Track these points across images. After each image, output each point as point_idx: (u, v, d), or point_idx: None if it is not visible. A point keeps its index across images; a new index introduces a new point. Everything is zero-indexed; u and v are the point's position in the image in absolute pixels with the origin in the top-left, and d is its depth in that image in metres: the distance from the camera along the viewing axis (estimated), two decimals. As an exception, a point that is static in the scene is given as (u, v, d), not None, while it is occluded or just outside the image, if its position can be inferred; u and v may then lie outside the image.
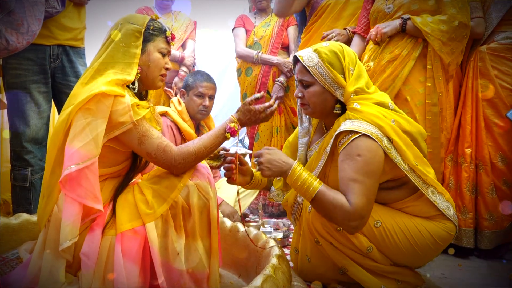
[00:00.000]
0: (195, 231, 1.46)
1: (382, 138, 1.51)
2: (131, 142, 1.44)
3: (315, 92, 1.64)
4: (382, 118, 1.56)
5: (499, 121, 2.19)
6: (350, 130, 1.52)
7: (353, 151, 1.50)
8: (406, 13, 2.14)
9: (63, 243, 1.29)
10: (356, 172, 1.48)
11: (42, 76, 2.30)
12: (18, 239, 1.85)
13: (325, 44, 1.68)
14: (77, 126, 1.36)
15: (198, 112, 2.57)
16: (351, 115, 1.57)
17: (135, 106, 1.42)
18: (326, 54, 1.62)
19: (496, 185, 2.19)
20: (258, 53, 3.15)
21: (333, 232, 1.57)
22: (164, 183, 1.47)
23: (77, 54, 2.43)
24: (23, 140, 2.27)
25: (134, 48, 1.50)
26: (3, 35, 1.78)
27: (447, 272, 1.97)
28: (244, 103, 1.58)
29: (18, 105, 2.27)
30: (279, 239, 2.31)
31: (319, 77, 1.61)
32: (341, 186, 1.51)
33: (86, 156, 1.33)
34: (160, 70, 1.57)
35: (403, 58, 2.12)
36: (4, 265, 1.67)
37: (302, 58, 1.64)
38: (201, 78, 2.59)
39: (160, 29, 1.57)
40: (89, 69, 1.49)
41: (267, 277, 1.31)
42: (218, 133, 1.53)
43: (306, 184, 1.53)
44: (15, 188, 2.32)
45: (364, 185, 1.47)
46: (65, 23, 2.33)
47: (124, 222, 1.41)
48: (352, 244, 1.56)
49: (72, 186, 1.32)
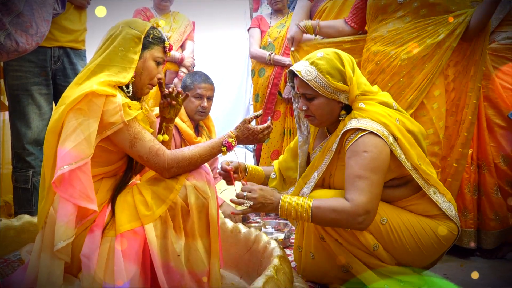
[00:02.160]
0: (195, 231, 1.46)
1: (388, 136, 1.53)
2: (123, 144, 1.44)
3: (320, 104, 1.64)
4: (387, 116, 1.58)
5: (501, 121, 2.19)
6: (356, 128, 1.54)
7: (360, 147, 1.51)
8: (421, 5, 2.02)
9: (57, 243, 1.29)
10: (362, 168, 1.49)
11: (43, 78, 2.31)
12: (20, 241, 1.86)
13: (319, 54, 1.65)
14: (69, 127, 1.36)
15: (196, 113, 2.56)
16: (357, 114, 1.59)
17: (126, 107, 1.42)
18: (323, 65, 1.61)
19: (500, 186, 2.18)
20: (270, 54, 3.17)
21: (338, 228, 1.57)
22: (162, 184, 1.47)
23: (78, 56, 2.44)
24: (24, 141, 2.28)
25: (133, 54, 1.49)
26: (13, 37, 1.79)
27: (450, 273, 1.97)
28: (244, 121, 1.62)
29: (20, 107, 2.27)
30: (280, 240, 2.31)
31: (321, 89, 1.61)
32: (346, 183, 1.52)
33: (79, 156, 1.33)
34: (151, 79, 1.57)
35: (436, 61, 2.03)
36: (6, 267, 1.67)
37: (300, 73, 1.62)
38: (199, 79, 2.58)
39: (159, 38, 1.57)
40: (84, 70, 1.49)
41: (268, 278, 1.31)
42: (215, 145, 1.55)
43: (299, 207, 1.53)
44: (17, 190, 2.32)
45: (370, 181, 1.48)
46: (66, 25, 2.34)
47: (123, 223, 1.41)
48: (358, 241, 1.56)
49: (64, 187, 1.32)
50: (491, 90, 2.21)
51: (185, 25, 3.35)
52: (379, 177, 1.51)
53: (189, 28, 3.37)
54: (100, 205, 1.44)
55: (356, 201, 1.46)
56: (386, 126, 1.55)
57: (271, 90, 3.16)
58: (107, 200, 1.48)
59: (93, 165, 1.41)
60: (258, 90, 3.26)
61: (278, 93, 3.15)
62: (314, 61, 1.63)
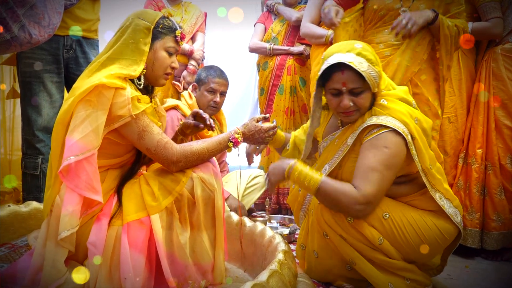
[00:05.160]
0: (200, 223, 1.47)
1: (407, 134, 1.54)
2: (131, 136, 1.44)
3: (367, 97, 1.61)
4: (408, 116, 1.58)
5: (510, 122, 2.17)
6: (378, 124, 1.55)
7: (381, 142, 1.53)
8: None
9: (61, 232, 1.30)
10: (379, 162, 1.51)
11: (55, 66, 2.33)
12: (27, 227, 1.88)
13: (358, 45, 1.59)
14: (78, 118, 1.36)
15: (208, 108, 2.56)
16: (378, 111, 1.60)
17: (135, 100, 1.42)
18: (370, 56, 1.57)
19: (505, 187, 2.17)
20: (271, 44, 3.17)
21: (343, 223, 1.57)
22: (169, 176, 1.48)
23: (91, 45, 2.45)
24: (34, 128, 2.30)
25: (143, 45, 1.49)
26: (27, 29, 1.80)
27: (454, 273, 1.96)
28: (252, 119, 1.64)
29: (31, 94, 2.29)
30: (285, 234, 2.31)
31: (372, 80, 1.56)
32: (357, 171, 1.54)
33: (86, 147, 1.34)
34: (165, 69, 1.56)
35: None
36: (13, 252, 1.70)
37: (353, 63, 1.53)
38: (214, 73, 2.58)
39: (170, 27, 1.55)
40: (95, 62, 1.49)
41: (273, 272, 1.32)
42: (222, 140, 1.56)
43: (308, 177, 1.56)
44: (26, 176, 2.35)
45: (382, 176, 1.51)
46: (79, 14, 2.35)
47: (130, 213, 1.42)
48: (362, 236, 1.56)
49: (71, 177, 1.33)
50: (501, 91, 2.20)
51: (196, 16, 3.30)
52: (391, 174, 1.53)
53: (201, 19, 3.33)
54: (106, 193, 1.45)
55: (363, 190, 1.49)
56: (406, 125, 1.56)
57: (273, 82, 3.17)
58: (113, 189, 1.49)
59: (100, 156, 1.41)
60: (263, 83, 3.26)
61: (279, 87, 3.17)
62: (360, 52, 1.56)
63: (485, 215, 2.21)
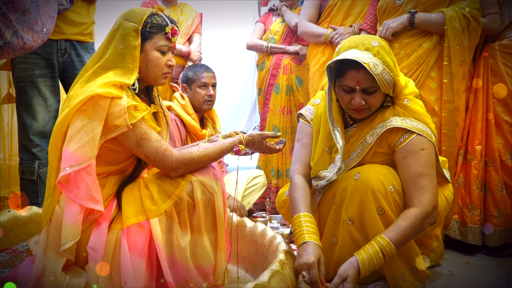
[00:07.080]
0: (201, 226, 1.47)
1: (431, 136, 1.59)
2: (129, 144, 1.43)
3: (379, 97, 1.60)
4: (429, 116, 1.64)
5: (510, 118, 2.17)
6: (406, 129, 1.57)
7: (417, 146, 1.56)
8: (414, 6, 2.11)
9: (64, 244, 1.29)
10: (423, 165, 1.54)
11: (48, 71, 2.32)
12: (27, 232, 1.88)
13: (375, 43, 1.55)
14: (74, 128, 1.35)
15: (204, 103, 2.56)
16: (402, 113, 1.61)
17: (132, 109, 1.39)
18: (386, 57, 1.53)
19: (506, 183, 2.17)
20: (268, 42, 3.19)
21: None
22: (168, 180, 1.48)
23: (85, 49, 2.44)
24: (30, 133, 2.29)
25: (133, 49, 1.44)
26: (20, 34, 1.79)
27: (455, 270, 1.96)
28: (261, 135, 1.61)
29: (25, 99, 2.29)
30: (286, 234, 2.31)
31: (383, 83, 1.54)
32: (408, 185, 1.54)
33: (82, 158, 1.32)
34: (161, 69, 1.52)
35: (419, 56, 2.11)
36: (14, 257, 1.69)
37: (368, 66, 1.49)
38: (201, 69, 2.60)
39: (159, 25, 1.49)
40: (88, 70, 1.45)
41: (274, 273, 1.31)
42: (225, 149, 1.55)
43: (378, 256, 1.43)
44: (23, 181, 2.34)
45: (431, 177, 1.55)
46: (73, 18, 2.34)
47: (130, 216, 1.42)
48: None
49: (70, 187, 1.32)
50: (500, 87, 2.19)
51: (192, 17, 3.29)
52: (435, 171, 1.59)
53: (197, 21, 3.32)
54: (106, 198, 1.45)
55: (424, 203, 1.50)
56: (429, 125, 1.61)
57: (269, 81, 3.19)
58: (113, 193, 1.48)
59: (100, 163, 1.41)
60: (260, 83, 3.28)
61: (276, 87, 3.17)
62: (378, 51, 1.53)
63: (486, 212, 2.20)
